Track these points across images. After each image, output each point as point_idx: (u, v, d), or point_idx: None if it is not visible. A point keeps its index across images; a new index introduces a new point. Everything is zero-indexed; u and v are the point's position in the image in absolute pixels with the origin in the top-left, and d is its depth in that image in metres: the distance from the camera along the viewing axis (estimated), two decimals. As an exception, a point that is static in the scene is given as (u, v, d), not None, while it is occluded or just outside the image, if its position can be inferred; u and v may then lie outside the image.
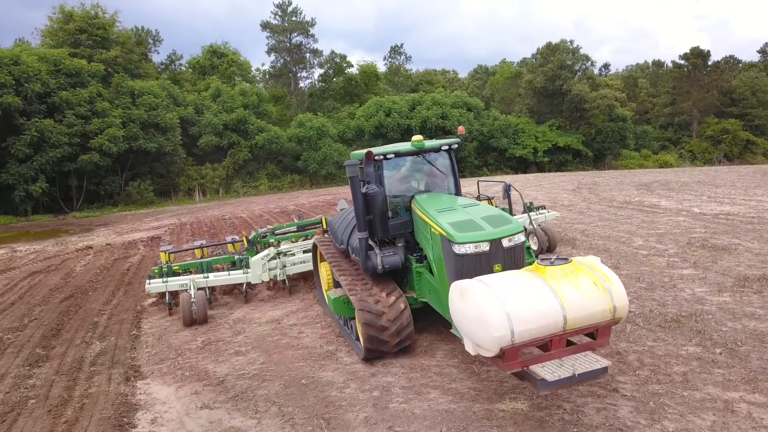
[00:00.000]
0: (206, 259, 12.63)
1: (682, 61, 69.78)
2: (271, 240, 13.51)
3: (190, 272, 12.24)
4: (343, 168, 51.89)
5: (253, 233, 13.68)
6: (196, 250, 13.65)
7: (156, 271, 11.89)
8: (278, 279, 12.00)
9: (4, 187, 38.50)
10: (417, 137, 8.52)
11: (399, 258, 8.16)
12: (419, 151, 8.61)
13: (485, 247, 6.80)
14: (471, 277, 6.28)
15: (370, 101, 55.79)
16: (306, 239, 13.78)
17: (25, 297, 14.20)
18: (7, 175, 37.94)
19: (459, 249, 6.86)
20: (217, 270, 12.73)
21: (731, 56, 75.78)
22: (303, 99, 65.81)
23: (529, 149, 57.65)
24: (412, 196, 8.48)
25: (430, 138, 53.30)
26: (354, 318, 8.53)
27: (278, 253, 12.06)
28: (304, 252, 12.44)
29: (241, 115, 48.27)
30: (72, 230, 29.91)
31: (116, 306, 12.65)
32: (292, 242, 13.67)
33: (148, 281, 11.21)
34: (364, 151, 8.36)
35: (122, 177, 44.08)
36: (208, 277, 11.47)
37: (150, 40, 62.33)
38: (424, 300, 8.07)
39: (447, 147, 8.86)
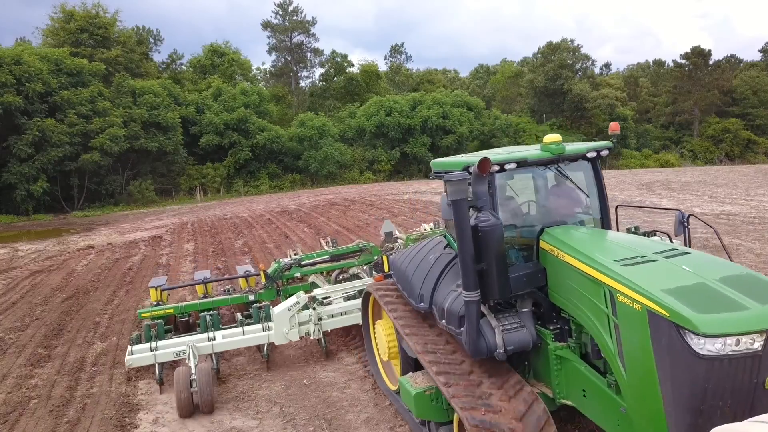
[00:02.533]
0: (210, 299, 9.88)
1: (683, 61, 69.75)
2: (297, 274, 10.48)
3: (189, 317, 9.52)
4: (345, 167, 49.65)
5: (273, 265, 10.47)
6: (197, 286, 10.56)
7: (145, 312, 9.23)
8: (311, 337, 8.42)
9: (5, 187, 38.54)
10: (553, 137, 5.64)
11: (529, 334, 5.18)
12: (555, 159, 5.58)
13: (756, 342, 3.75)
14: (723, 401, 3.80)
15: (371, 101, 55.80)
16: (342, 273, 10.75)
17: (26, 297, 14.22)
18: (9, 174, 37.98)
19: (706, 346, 3.76)
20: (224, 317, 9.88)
21: (732, 55, 75.82)
22: (304, 98, 65.82)
23: (530, 149, 57.60)
24: (541, 230, 5.50)
25: (432, 139, 53.61)
26: (445, 424, 5.55)
27: (311, 301, 8.49)
28: (347, 299, 8.81)
29: (242, 115, 48.29)
30: (73, 230, 29.94)
31: (118, 306, 12.67)
32: (323, 276, 10.79)
33: (129, 348, 7.74)
34: (465, 157, 5.83)
35: (123, 176, 44.11)
36: (214, 339, 7.97)
37: (151, 40, 62.31)
38: (567, 402, 5.20)
39: (594, 153, 5.71)
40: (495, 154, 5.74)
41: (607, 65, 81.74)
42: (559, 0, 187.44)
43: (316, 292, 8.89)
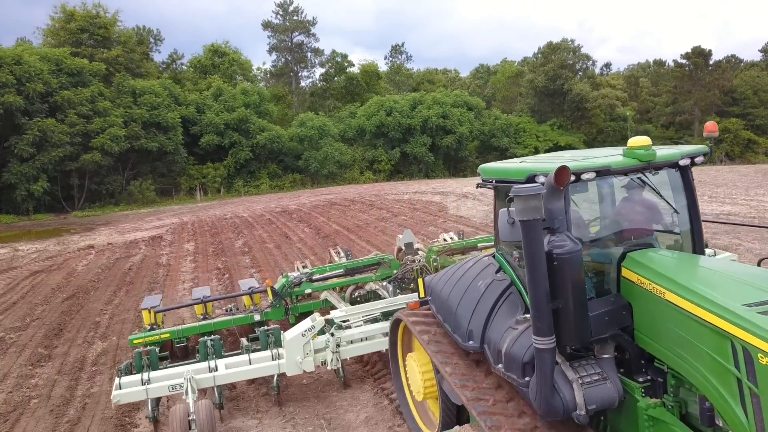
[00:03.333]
0: (211, 321, 8.78)
1: (684, 61, 69.75)
2: (307, 290, 9.31)
3: (187, 341, 8.50)
4: (345, 167, 49.42)
5: (281, 280, 9.35)
6: (196, 306, 9.20)
7: (137, 339, 7.99)
8: (328, 367, 7.20)
9: (6, 187, 38.62)
10: (640, 140, 4.60)
11: (615, 389, 4.18)
12: (643, 167, 4.58)
13: None
14: None
15: (372, 100, 55.85)
16: (357, 288, 9.67)
17: (27, 296, 14.26)
18: (9, 174, 38.05)
19: None
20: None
21: (733, 55, 75.73)
22: (304, 98, 65.87)
23: (530, 149, 57.72)
24: (623, 255, 4.47)
25: (432, 139, 53.59)
26: None
27: (328, 325, 7.34)
28: (367, 321, 7.61)
29: (243, 115, 48.35)
30: (74, 229, 29.98)
31: (118, 305, 12.70)
32: (337, 292, 9.60)
33: (116, 381, 6.60)
34: (526, 163, 4.84)
35: (124, 176, 44.19)
36: (216, 370, 6.85)
37: (151, 40, 62.36)
38: None
39: (688, 160, 4.71)
40: (564, 160, 4.57)
41: (607, 65, 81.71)
42: (559, 0, 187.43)
43: (333, 314, 7.60)
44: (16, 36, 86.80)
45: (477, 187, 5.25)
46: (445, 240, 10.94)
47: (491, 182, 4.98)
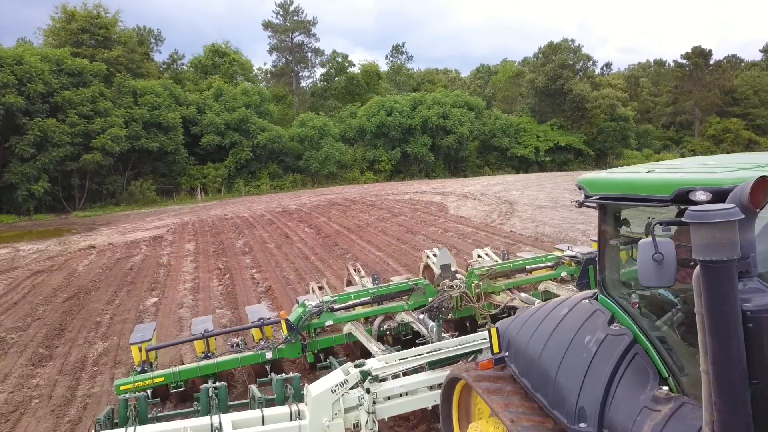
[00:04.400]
0: (213, 361, 7.24)
1: (684, 60, 69.80)
2: (328, 322, 7.74)
3: (185, 383, 7.08)
4: (345, 167, 49.36)
5: (297, 309, 7.74)
6: (196, 341, 7.65)
7: (125, 384, 6.73)
8: (363, 431, 5.49)
9: (7, 187, 38.63)
10: None
11: None
12: None
13: None
14: None
15: (372, 101, 55.86)
16: (386, 319, 8.02)
17: (28, 296, 14.27)
18: (10, 174, 38.07)
19: None
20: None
21: (733, 55, 75.99)
22: (305, 98, 65.88)
23: (531, 149, 57.76)
24: None
25: (433, 139, 53.60)
26: None
27: (363, 378, 5.43)
28: (405, 373, 5.79)
29: (243, 115, 48.35)
30: (74, 229, 30.00)
31: (119, 306, 12.72)
32: (362, 324, 7.89)
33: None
34: (664, 171, 3.24)
35: (125, 176, 44.21)
36: (220, 430, 5.22)
37: (152, 40, 62.34)
38: None
39: None
40: (709, 167, 3.14)
41: (608, 65, 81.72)
42: (559, 0, 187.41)
43: (370, 364, 5.68)
44: (16, 36, 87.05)
45: (578, 206, 3.79)
46: (479, 257, 9.56)
47: (598, 198, 3.60)
